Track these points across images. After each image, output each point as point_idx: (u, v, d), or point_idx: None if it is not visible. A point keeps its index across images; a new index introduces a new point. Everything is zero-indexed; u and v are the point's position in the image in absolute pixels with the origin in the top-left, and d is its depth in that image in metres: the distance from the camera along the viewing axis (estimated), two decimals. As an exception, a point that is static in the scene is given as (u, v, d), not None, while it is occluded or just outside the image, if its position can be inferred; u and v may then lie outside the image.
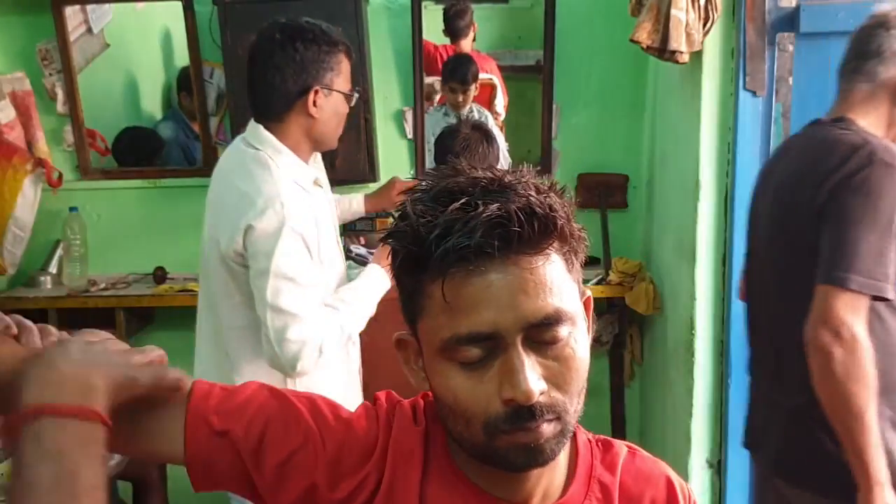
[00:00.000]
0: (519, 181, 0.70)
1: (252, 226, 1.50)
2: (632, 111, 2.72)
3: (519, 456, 0.69)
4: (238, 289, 1.59)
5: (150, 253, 2.85)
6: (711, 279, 2.07)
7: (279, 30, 1.59)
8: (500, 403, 0.67)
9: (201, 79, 2.76)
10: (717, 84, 1.99)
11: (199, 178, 2.84)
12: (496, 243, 0.65)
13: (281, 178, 1.55)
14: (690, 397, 2.11)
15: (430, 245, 0.66)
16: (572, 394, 0.70)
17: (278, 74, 1.57)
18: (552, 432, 0.69)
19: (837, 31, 1.84)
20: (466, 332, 0.67)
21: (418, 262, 0.69)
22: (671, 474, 0.84)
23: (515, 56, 2.98)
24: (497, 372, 0.68)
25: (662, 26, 1.87)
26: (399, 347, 0.78)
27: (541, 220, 0.67)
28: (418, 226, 0.67)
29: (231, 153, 1.70)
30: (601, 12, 2.67)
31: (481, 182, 0.69)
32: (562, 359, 0.69)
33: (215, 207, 1.66)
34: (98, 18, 2.81)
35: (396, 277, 0.74)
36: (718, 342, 2.08)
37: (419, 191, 0.72)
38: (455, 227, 0.66)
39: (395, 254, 0.72)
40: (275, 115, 1.60)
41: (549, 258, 0.68)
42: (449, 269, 0.66)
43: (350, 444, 0.77)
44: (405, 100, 2.76)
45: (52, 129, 2.82)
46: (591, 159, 2.75)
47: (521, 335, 0.67)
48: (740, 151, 1.94)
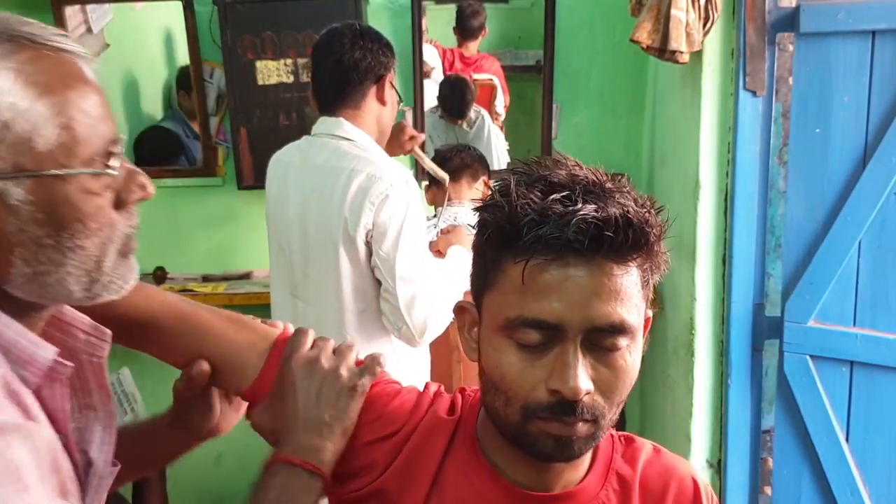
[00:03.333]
0: (619, 189, 0.72)
1: (387, 196, 1.61)
2: (632, 111, 2.72)
3: (548, 445, 0.71)
4: (358, 272, 1.67)
5: (150, 253, 2.85)
6: (711, 279, 2.07)
7: (349, 28, 1.73)
8: (545, 392, 0.69)
9: (201, 79, 2.76)
10: (717, 84, 1.99)
11: (199, 178, 2.84)
12: (586, 242, 0.67)
13: (391, 161, 1.70)
14: (690, 397, 2.11)
15: (523, 227, 0.68)
16: (613, 402, 0.72)
17: (355, 66, 1.70)
18: (585, 432, 0.71)
19: (837, 31, 1.84)
20: (533, 317, 0.69)
21: (506, 239, 0.70)
22: (696, 474, 0.85)
23: (515, 56, 2.98)
24: (550, 361, 0.69)
25: (662, 26, 1.87)
26: (458, 313, 0.80)
27: (635, 231, 0.68)
28: (517, 205, 0.69)
29: (317, 146, 1.76)
30: (601, 12, 2.67)
31: (583, 180, 0.72)
32: (614, 367, 0.71)
33: (321, 194, 1.69)
34: (98, 18, 2.80)
35: (477, 247, 0.76)
36: (718, 342, 2.08)
37: (520, 172, 0.74)
38: (552, 217, 0.67)
39: (486, 224, 0.73)
40: (352, 104, 1.72)
41: (629, 270, 0.70)
42: (534, 254, 0.68)
43: (380, 426, 0.82)
44: (405, 100, 2.76)
45: (53, 129, 2.82)
46: (591, 159, 2.68)
47: (583, 335, 0.69)
48: (740, 151, 1.94)
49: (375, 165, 1.66)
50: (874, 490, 1.97)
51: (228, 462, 2.98)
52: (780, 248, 1.95)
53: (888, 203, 1.87)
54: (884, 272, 1.90)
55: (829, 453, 1.97)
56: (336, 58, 1.70)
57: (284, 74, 2.63)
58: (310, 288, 1.73)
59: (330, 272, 1.68)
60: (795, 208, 1.93)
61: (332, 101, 1.74)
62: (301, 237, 1.73)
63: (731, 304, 2.00)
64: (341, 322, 1.68)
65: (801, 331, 1.94)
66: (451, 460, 0.80)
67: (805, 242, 1.94)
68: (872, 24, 1.82)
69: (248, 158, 2.71)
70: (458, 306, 0.80)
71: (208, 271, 2.82)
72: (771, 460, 2.03)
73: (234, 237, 2.86)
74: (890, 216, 1.88)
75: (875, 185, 1.86)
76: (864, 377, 1.94)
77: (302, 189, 1.73)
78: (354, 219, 1.63)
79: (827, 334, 1.94)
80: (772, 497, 2.04)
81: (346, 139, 1.72)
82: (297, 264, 1.76)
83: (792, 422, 2.00)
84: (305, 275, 1.74)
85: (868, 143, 1.87)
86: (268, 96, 2.65)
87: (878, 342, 1.91)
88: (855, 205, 1.88)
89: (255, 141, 2.69)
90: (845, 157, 1.89)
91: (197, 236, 2.88)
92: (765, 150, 1.93)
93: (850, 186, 1.89)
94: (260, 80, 2.64)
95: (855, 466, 1.97)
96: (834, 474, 1.97)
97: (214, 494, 3.02)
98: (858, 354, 1.93)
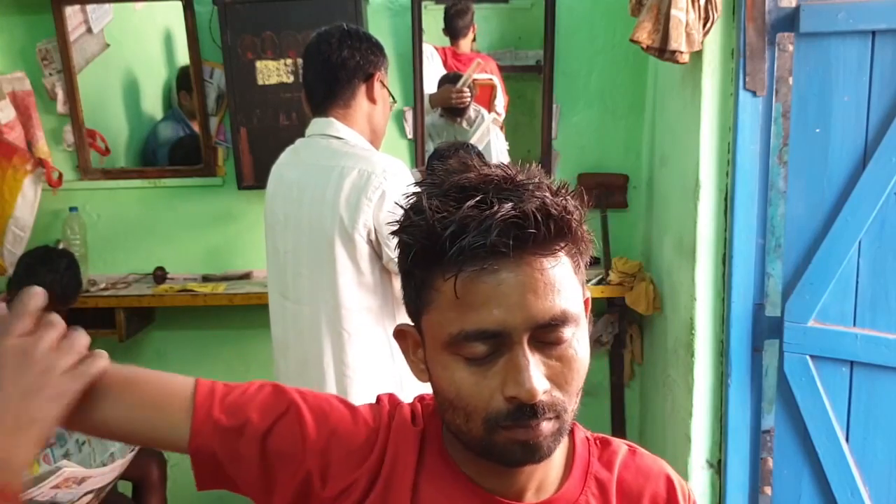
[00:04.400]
0: (531, 181, 0.70)
1: (384, 192, 1.61)
2: (632, 111, 2.72)
3: (516, 452, 0.70)
4: (357, 269, 1.66)
5: (150, 253, 2.86)
6: (711, 279, 2.06)
7: (337, 28, 1.74)
8: (503, 400, 0.68)
9: (201, 79, 2.76)
10: (717, 84, 1.99)
11: (199, 178, 2.84)
12: (511, 243, 0.66)
13: (382, 154, 1.72)
14: (690, 397, 2.11)
15: (445, 242, 0.67)
16: (572, 393, 0.71)
17: (343, 64, 1.71)
18: (550, 430, 0.70)
19: (837, 31, 1.84)
20: (474, 329, 0.68)
21: (431, 257, 0.69)
22: (671, 472, 0.85)
23: (515, 56, 2.97)
24: (501, 369, 0.68)
25: (662, 26, 1.87)
26: (399, 338, 0.79)
27: (556, 221, 0.68)
28: (433, 221, 0.68)
29: (309, 147, 1.77)
30: (601, 12, 2.67)
31: (494, 179, 0.70)
32: (564, 359, 0.70)
33: (313, 193, 1.69)
34: (98, 18, 2.80)
35: (405, 270, 0.74)
36: (718, 342, 2.08)
37: (429, 184, 0.72)
38: (471, 224, 0.66)
39: (408, 247, 0.72)
40: (341, 103, 1.73)
41: (559, 259, 0.69)
42: (462, 266, 0.67)
43: (348, 442, 0.78)
44: (405, 100, 2.76)
45: (52, 129, 2.82)
46: (591, 159, 2.75)
47: (528, 334, 0.68)
48: (740, 151, 1.94)
49: (366, 161, 1.66)
50: (874, 490, 1.97)
51: (228, 462, 2.98)
52: (780, 248, 1.95)
53: (888, 203, 1.87)
54: (884, 272, 1.90)
55: (829, 453, 1.97)
56: (324, 58, 1.72)
57: (284, 74, 2.63)
58: (303, 287, 1.73)
59: (325, 270, 1.68)
60: (795, 208, 1.93)
61: (323, 101, 1.75)
62: (295, 236, 1.73)
63: (731, 304, 2.00)
64: (338, 319, 1.68)
65: (801, 331, 1.94)
66: (425, 475, 0.78)
67: (805, 242, 1.94)
68: (872, 24, 1.82)
69: (248, 158, 2.71)
70: (397, 330, 0.79)
71: (208, 271, 2.82)
72: (771, 460, 2.03)
73: (234, 237, 2.86)
74: (890, 216, 1.88)
75: (875, 185, 1.86)
76: (864, 377, 1.95)
77: (294, 189, 1.74)
78: (352, 216, 1.63)
79: (827, 334, 1.94)
80: (772, 497, 2.04)
81: (337, 138, 1.73)
82: (289, 264, 1.76)
83: (792, 422, 2.00)
84: (299, 274, 1.74)
85: (868, 143, 1.87)
86: (268, 96, 2.65)
87: (878, 342, 1.91)
88: (855, 205, 1.88)
89: (255, 141, 2.68)
90: (845, 157, 1.89)
91: (197, 236, 2.88)
92: (765, 150, 1.93)
93: (850, 186, 1.89)
94: (260, 80, 2.64)
95: (855, 466, 1.97)
96: (834, 474, 1.97)
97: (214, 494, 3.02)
98: (858, 354, 1.93)
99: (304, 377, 1.73)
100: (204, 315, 2.85)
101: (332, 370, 1.69)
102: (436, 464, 0.78)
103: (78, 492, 1.91)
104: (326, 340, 1.69)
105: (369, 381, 1.69)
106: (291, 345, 1.78)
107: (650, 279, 2.49)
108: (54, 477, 1.83)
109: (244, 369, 2.91)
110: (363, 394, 1.67)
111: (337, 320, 1.68)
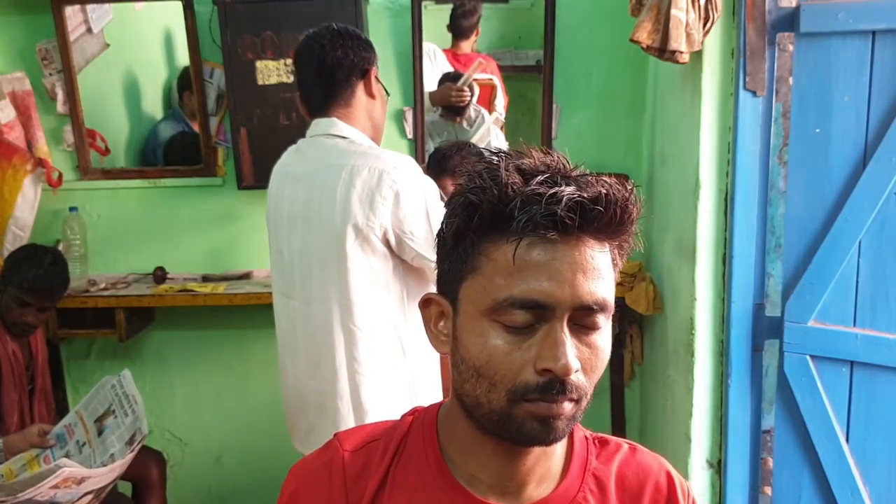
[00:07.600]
0: (590, 174, 0.73)
1: (398, 192, 1.61)
2: (632, 111, 2.72)
3: (534, 427, 0.71)
4: (370, 266, 1.66)
5: (150, 253, 2.86)
6: (711, 279, 2.06)
7: (326, 29, 1.74)
8: (534, 372, 0.69)
9: (201, 79, 2.76)
10: (717, 84, 1.99)
11: (199, 178, 2.85)
12: (577, 220, 0.68)
13: (389, 151, 1.72)
14: (690, 397, 2.11)
15: (515, 208, 0.68)
16: (593, 382, 0.73)
17: (339, 64, 1.72)
18: (569, 412, 0.71)
19: (837, 31, 1.84)
20: (522, 297, 0.69)
21: (495, 221, 0.70)
22: (671, 470, 0.85)
23: (515, 56, 2.97)
24: (538, 342, 0.70)
25: (662, 26, 1.87)
26: (424, 307, 0.79)
27: (621, 208, 0.70)
28: (507, 185, 0.69)
29: (314, 147, 1.76)
30: (601, 12, 2.67)
31: (556, 166, 0.72)
32: (594, 347, 0.72)
33: (322, 193, 1.69)
34: (98, 18, 2.80)
35: (456, 232, 0.74)
36: (718, 342, 2.08)
37: (502, 157, 0.74)
38: (545, 195, 0.68)
39: (473, 207, 0.71)
40: (342, 102, 1.73)
41: (605, 250, 0.72)
42: (525, 234, 0.68)
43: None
44: (405, 100, 2.76)
45: (52, 129, 2.82)
46: (591, 159, 2.74)
47: (569, 313, 0.70)
48: (740, 151, 1.94)
49: (376, 158, 1.66)
50: (874, 490, 1.97)
51: (228, 462, 2.98)
52: (780, 248, 1.95)
53: (888, 203, 1.87)
54: (884, 272, 1.91)
55: (829, 453, 1.97)
56: (319, 60, 1.71)
57: (284, 74, 2.63)
58: (313, 286, 1.73)
59: (336, 268, 1.67)
60: (795, 208, 1.93)
61: (323, 102, 1.75)
62: (303, 236, 1.73)
63: (731, 304, 2.00)
64: (349, 316, 1.67)
65: (801, 331, 1.94)
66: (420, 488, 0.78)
67: (805, 242, 1.94)
68: (872, 24, 1.82)
69: (248, 158, 2.71)
70: (425, 299, 0.79)
71: (208, 271, 2.82)
72: (771, 460, 2.03)
73: (234, 237, 2.86)
74: (890, 216, 1.88)
75: (875, 185, 1.86)
76: (864, 377, 1.95)
77: (302, 189, 1.73)
78: (366, 214, 1.62)
79: (827, 334, 1.94)
80: (772, 497, 2.04)
81: (342, 137, 1.72)
82: (296, 264, 1.75)
83: (792, 422, 2.00)
84: (308, 274, 1.73)
85: (868, 143, 1.87)
86: (268, 96, 2.65)
87: (878, 342, 1.91)
88: (855, 205, 1.88)
89: (255, 141, 2.68)
90: (845, 157, 1.89)
91: (197, 236, 2.88)
92: (765, 150, 1.93)
93: (850, 186, 1.89)
94: (260, 80, 2.64)
95: (855, 466, 1.97)
96: (834, 474, 1.97)
97: (214, 494, 3.02)
98: (858, 354, 1.93)
99: (316, 376, 1.73)
100: (204, 315, 2.85)
101: (345, 368, 1.69)
102: (430, 475, 0.79)
103: (78, 492, 1.91)
104: (338, 338, 1.69)
105: (381, 379, 1.69)
106: (301, 345, 1.77)
107: (650, 279, 2.49)
108: (54, 477, 1.83)
109: (244, 369, 2.91)
110: (375, 391, 1.68)
111: (349, 317, 1.68)
